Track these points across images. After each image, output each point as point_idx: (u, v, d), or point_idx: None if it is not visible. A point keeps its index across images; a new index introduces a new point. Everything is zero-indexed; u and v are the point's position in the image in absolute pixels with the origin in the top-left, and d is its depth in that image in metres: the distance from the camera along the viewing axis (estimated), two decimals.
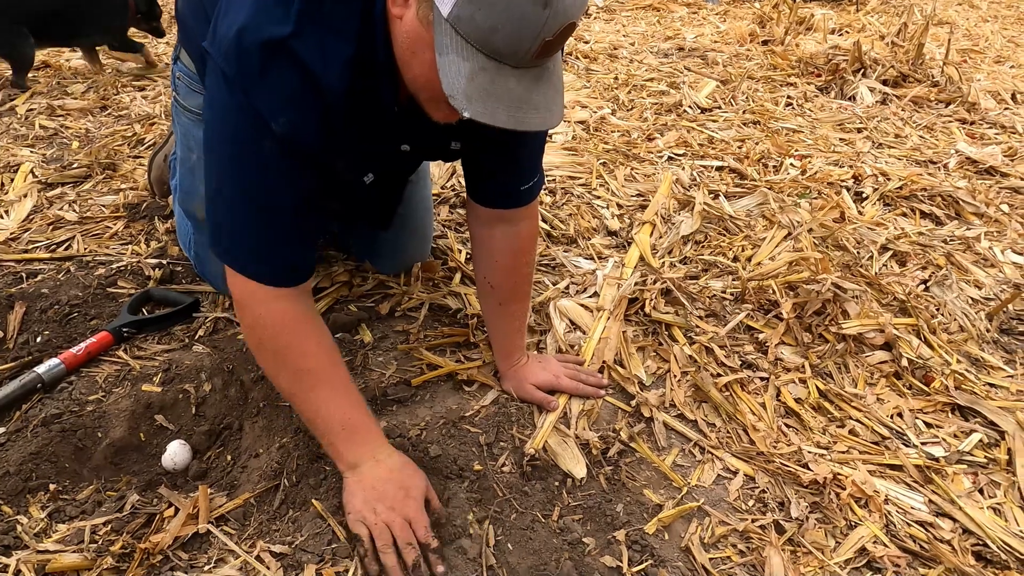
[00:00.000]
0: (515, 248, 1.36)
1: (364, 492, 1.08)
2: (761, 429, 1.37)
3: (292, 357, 1.11)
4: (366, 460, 1.11)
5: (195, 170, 1.48)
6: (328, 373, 1.12)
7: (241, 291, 1.10)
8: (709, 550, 1.13)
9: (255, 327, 1.11)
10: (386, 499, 1.07)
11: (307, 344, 1.12)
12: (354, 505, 1.08)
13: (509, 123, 0.89)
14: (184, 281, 1.70)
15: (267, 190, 1.04)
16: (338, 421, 1.11)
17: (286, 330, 1.10)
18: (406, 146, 1.21)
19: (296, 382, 1.11)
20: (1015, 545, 1.15)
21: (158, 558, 1.04)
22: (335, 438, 1.11)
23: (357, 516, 1.07)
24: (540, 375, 1.40)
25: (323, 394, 1.11)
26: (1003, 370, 1.58)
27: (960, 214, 2.20)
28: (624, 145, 2.54)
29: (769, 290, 1.70)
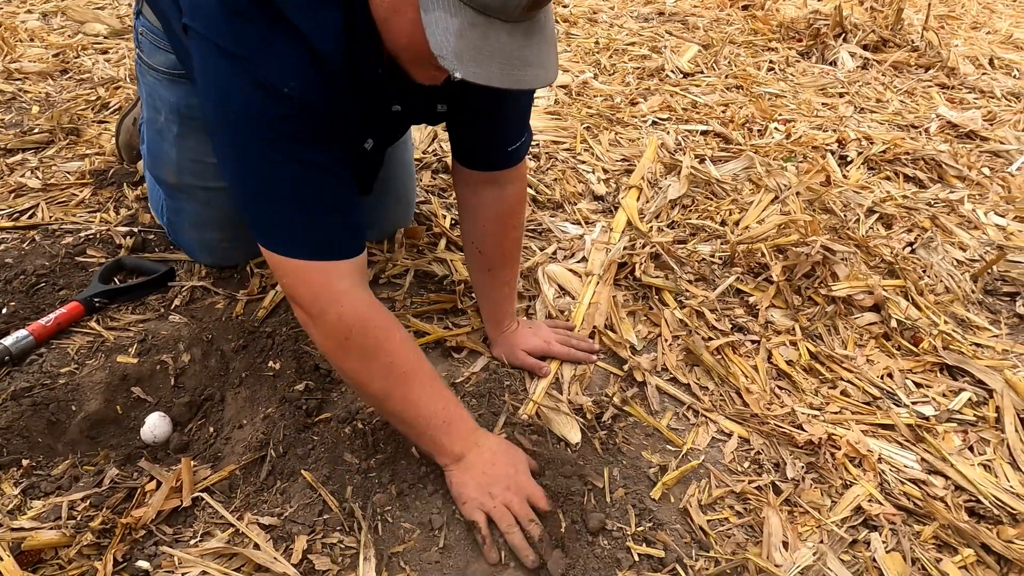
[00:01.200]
0: (503, 212, 1.31)
1: (476, 479, 1.05)
2: (754, 391, 1.36)
3: (384, 355, 1.03)
4: (470, 449, 1.07)
5: (163, 132, 1.40)
6: (420, 367, 1.07)
7: (313, 288, 1.00)
8: (707, 512, 1.12)
9: (338, 327, 1.00)
10: (500, 481, 1.05)
11: (394, 337, 1.05)
12: (468, 494, 1.05)
13: (505, 82, 0.83)
14: (158, 249, 1.63)
15: (303, 159, 0.96)
16: (439, 416, 1.06)
17: (372, 325, 1.02)
18: (397, 107, 1.15)
19: (391, 382, 1.04)
20: (1007, 500, 1.16)
21: (141, 533, 1.00)
22: (437, 432, 1.06)
23: (474, 504, 1.04)
24: (531, 341, 1.37)
25: (420, 390, 1.06)
26: (988, 330, 1.60)
27: (943, 177, 2.20)
28: (607, 110, 2.49)
29: (758, 253, 1.68)
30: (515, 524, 1.02)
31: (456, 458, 1.07)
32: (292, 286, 1.02)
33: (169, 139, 1.40)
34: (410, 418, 1.06)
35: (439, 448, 1.07)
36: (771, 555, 1.04)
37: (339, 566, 0.99)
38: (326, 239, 1.00)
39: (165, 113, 1.39)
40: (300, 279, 1.01)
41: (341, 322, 1.01)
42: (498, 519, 1.03)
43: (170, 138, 1.40)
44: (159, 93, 1.38)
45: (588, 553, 1.04)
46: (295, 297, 1.03)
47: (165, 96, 1.37)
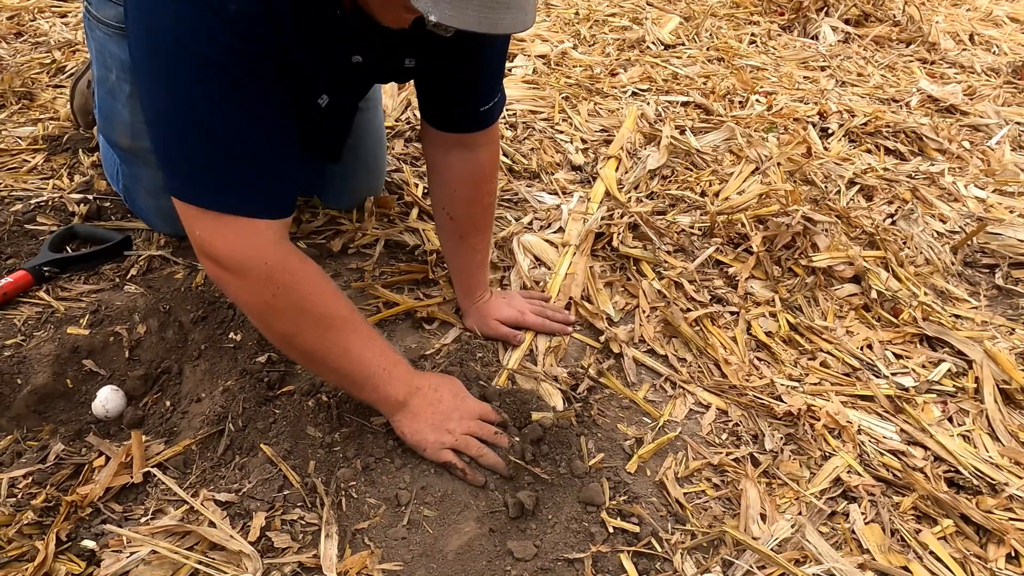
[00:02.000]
0: (475, 176, 1.26)
1: (429, 421, 1.04)
2: (733, 363, 1.33)
3: (317, 306, 0.97)
4: (412, 393, 1.05)
5: (114, 92, 1.32)
6: (353, 317, 1.02)
7: (232, 243, 0.91)
8: (683, 484, 1.09)
9: (264, 281, 0.93)
10: (452, 414, 1.05)
11: (326, 288, 0.99)
12: (427, 438, 1.03)
13: (482, 25, 0.76)
14: (114, 217, 1.55)
15: (237, 100, 0.87)
16: (378, 364, 1.02)
17: (301, 276, 0.96)
18: (358, 57, 1.08)
19: (325, 333, 0.98)
20: (986, 471, 1.14)
21: (87, 511, 0.94)
22: (378, 382, 1.02)
23: (437, 446, 1.03)
24: (504, 311, 1.32)
25: (354, 340, 1.01)
26: (968, 301, 1.58)
27: (923, 150, 2.18)
28: (587, 80, 2.43)
29: (738, 224, 1.64)
30: (483, 446, 1.03)
31: (400, 406, 1.04)
32: (208, 241, 0.92)
33: (121, 99, 1.32)
34: (347, 370, 1.01)
35: (382, 397, 1.03)
36: (749, 527, 1.01)
37: (299, 543, 0.94)
38: (254, 194, 0.92)
39: (116, 71, 1.30)
40: (219, 234, 0.91)
41: (270, 276, 0.93)
42: (465, 448, 1.03)
43: (122, 98, 1.31)
44: (109, 49, 1.29)
45: (563, 528, 1.01)
46: (211, 252, 0.93)
47: (115, 52, 1.28)
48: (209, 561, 0.88)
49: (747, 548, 0.97)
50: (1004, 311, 1.57)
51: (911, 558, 1.00)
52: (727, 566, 0.96)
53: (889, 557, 0.99)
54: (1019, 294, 1.60)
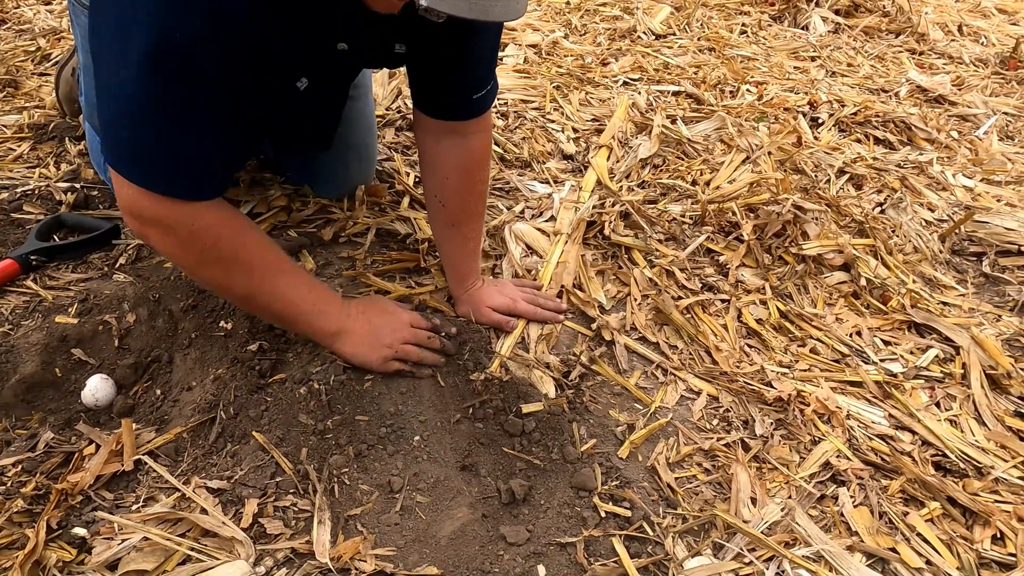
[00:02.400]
0: (467, 164, 1.25)
1: (367, 342, 1.11)
2: (723, 350, 1.34)
3: (244, 257, 1.03)
4: (343, 322, 1.12)
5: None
6: (280, 261, 1.08)
7: (161, 209, 0.94)
8: (675, 469, 1.10)
9: (192, 241, 0.98)
10: (384, 329, 1.13)
11: (249, 239, 1.04)
12: (370, 358, 1.11)
13: (473, 12, 0.76)
14: (101, 206, 1.54)
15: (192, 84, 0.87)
16: (308, 302, 1.09)
17: (227, 232, 1.01)
18: (343, 45, 1.07)
19: (254, 280, 1.05)
20: (972, 454, 1.16)
21: (78, 499, 0.94)
22: (311, 318, 1.10)
23: (379, 361, 1.10)
24: (496, 299, 1.32)
25: (284, 281, 1.07)
26: (955, 289, 1.59)
27: (912, 140, 2.20)
28: (578, 69, 2.42)
29: (729, 212, 1.65)
30: (421, 350, 1.14)
31: (335, 335, 1.11)
32: (135, 203, 0.95)
33: None
34: (279, 310, 1.08)
35: (317, 330, 1.11)
36: (739, 511, 1.02)
37: (292, 529, 0.94)
38: (191, 180, 0.95)
39: None
40: (148, 202, 0.94)
41: (194, 236, 0.98)
42: (404, 356, 1.12)
43: None
44: None
45: (556, 513, 1.02)
46: (136, 213, 0.96)
47: None
48: (201, 548, 0.88)
49: (737, 531, 0.98)
50: (991, 298, 1.58)
51: (899, 540, 1.01)
52: (718, 549, 0.97)
53: (877, 539, 1.00)
54: (1006, 281, 1.62)
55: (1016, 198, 1.89)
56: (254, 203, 1.53)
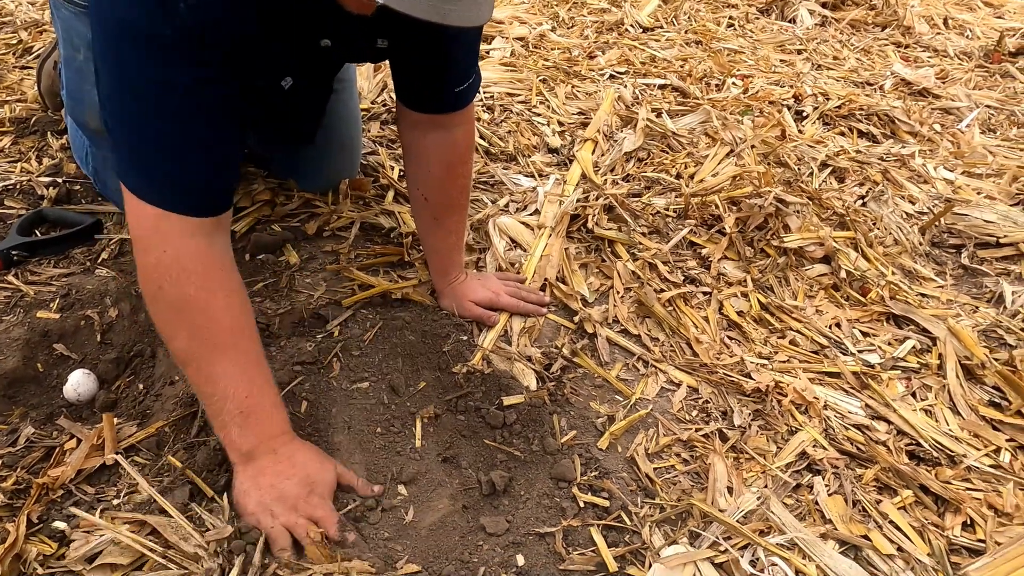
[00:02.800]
0: (450, 157, 1.26)
1: (260, 492, 0.93)
2: (704, 342, 1.35)
3: (195, 314, 0.92)
4: (263, 452, 0.94)
5: (82, 72, 1.30)
6: (234, 341, 0.94)
7: (144, 224, 0.91)
8: (653, 460, 1.11)
9: (156, 269, 0.91)
10: (287, 499, 0.92)
11: (216, 300, 0.93)
12: (246, 507, 0.92)
13: (431, 14, 0.75)
14: (84, 201, 1.53)
15: (175, 89, 0.86)
16: (235, 402, 0.93)
17: (195, 277, 0.91)
18: (326, 41, 1.07)
19: (195, 346, 0.92)
20: (945, 443, 1.18)
21: (59, 493, 0.94)
22: (230, 420, 0.93)
23: (251, 520, 0.91)
24: (480, 292, 1.33)
25: (223, 367, 0.93)
26: (934, 281, 1.61)
27: (895, 133, 2.21)
28: (565, 62, 2.42)
29: (712, 205, 1.66)
30: (288, 549, 0.90)
31: (245, 458, 0.94)
32: (130, 212, 0.92)
33: (90, 79, 1.28)
34: (206, 394, 0.94)
35: (228, 440, 0.94)
36: (716, 500, 1.04)
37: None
38: (176, 187, 0.91)
39: (83, 51, 1.28)
40: (137, 212, 0.91)
41: (160, 265, 0.90)
42: (272, 541, 0.90)
43: (91, 78, 1.28)
44: (75, 28, 1.27)
45: (535, 503, 1.03)
46: (129, 222, 0.93)
47: (82, 32, 1.26)
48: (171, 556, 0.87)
49: (714, 520, 1.00)
50: (969, 290, 1.60)
51: (871, 527, 1.03)
52: (694, 537, 0.99)
53: (850, 527, 1.02)
54: (983, 273, 1.64)
55: (996, 191, 1.91)
56: (237, 197, 1.53)
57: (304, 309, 1.28)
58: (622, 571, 0.95)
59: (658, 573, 0.93)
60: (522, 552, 0.96)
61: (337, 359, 1.18)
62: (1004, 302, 1.54)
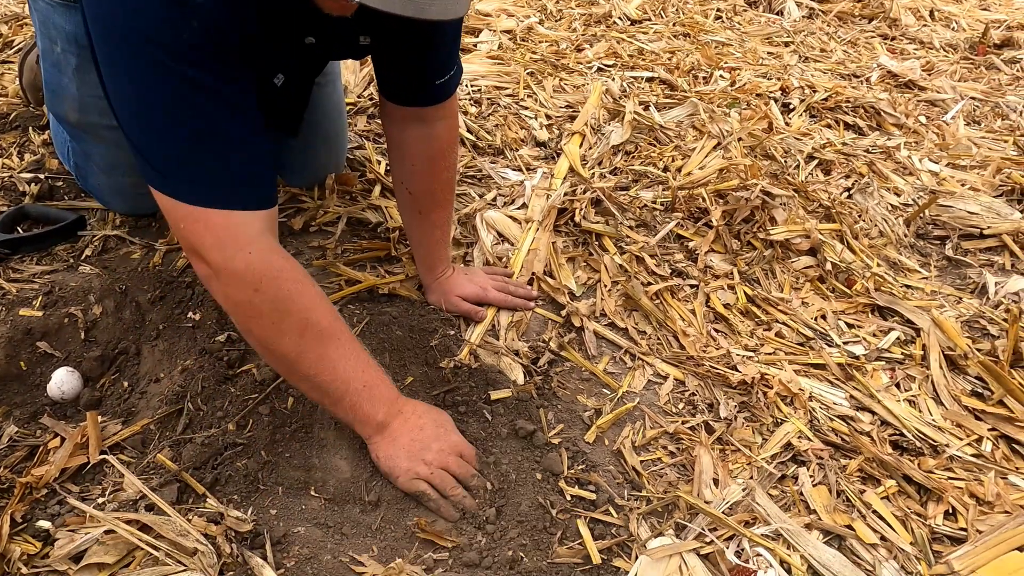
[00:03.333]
0: (433, 150, 1.25)
1: (406, 448, 0.99)
2: (691, 335, 1.36)
3: (298, 309, 0.93)
4: (394, 416, 1.01)
5: (60, 65, 1.28)
6: (337, 325, 0.98)
7: (214, 231, 0.89)
8: (640, 453, 1.12)
9: (249, 271, 0.90)
10: (431, 446, 1.00)
11: (309, 290, 0.95)
12: (401, 466, 0.99)
13: (406, 10, 0.75)
14: (67, 197, 1.52)
15: (209, 91, 0.85)
16: (359, 379, 0.97)
17: (287, 272, 0.93)
18: (310, 38, 1.07)
19: (306, 340, 0.94)
20: (929, 433, 1.19)
21: (43, 492, 0.94)
22: (357, 398, 0.97)
23: (410, 475, 0.98)
24: (467, 287, 1.33)
25: (337, 351, 0.96)
26: (919, 272, 1.63)
27: (881, 125, 2.22)
28: (552, 55, 2.42)
29: (699, 198, 1.67)
30: (457, 485, 0.99)
31: (380, 427, 1.00)
32: (192, 233, 0.90)
33: (68, 72, 1.28)
34: (326, 382, 0.96)
35: (361, 416, 0.99)
36: (702, 492, 1.04)
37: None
38: (233, 185, 0.90)
39: (61, 43, 1.27)
40: (201, 225, 0.89)
41: (250, 271, 0.90)
42: (439, 484, 0.99)
43: (68, 71, 1.28)
44: (53, 21, 1.26)
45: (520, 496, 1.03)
46: (196, 246, 0.90)
47: (60, 24, 1.25)
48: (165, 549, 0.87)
49: (699, 511, 1.01)
50: (952, 281, 1.62)
51: (855, 517, 1.04)
52: (680, 529, 0.99)
53: (834, 517, 1.03)
54: (967, 264, 1.66)
55: (980, 183, 1.93)
56: None
57: None
58: (609, 563, 0.95)
59: (644, 565, 0.93)
60: (509, 545, 0.97)
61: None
62: (987, 293, 1.55)
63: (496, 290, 1.34)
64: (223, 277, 0.91)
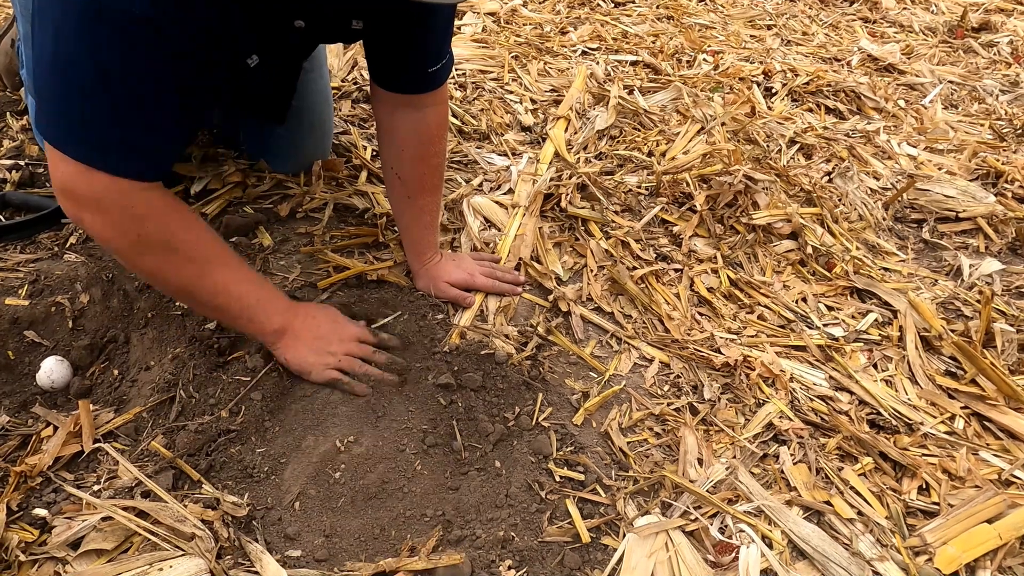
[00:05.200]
0: (422, 136, 1.26)
1: (308, 345, 1.09)
2: (675, 318, 1.38)
3: (185, 244, 0.99)
4: (289, 321, 1.09)
5: None
6: (223, 253, 1.04)
7: (97, 186, 0.89)
8: (627, 434, 1.15)
9: (130, 222, 0.93)
10: (331, 337, 1.11)
11: (195, 226, 1.01)
12: (308, 361, 1.08)
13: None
14: (48, 184, 1.50)
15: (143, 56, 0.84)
16: (251, 295, 1.05)
17: (169, 215, 0.97)
18: (300, 22, 1.06)
19: (195, 270, 1.00)
20: (904, 412, 1.23)
21: (37, 480, 0.94)
22: (253, 313, 1.06)
23: (320, 368, 1.08)
24: (454, 273, 1.34)
25: (227, 274, 1.03)
26: (896, 255, 1.67)
27: (861, 109, 2.25)
28: (537, 39, 2.42)
29: (683, 183, 1.69)
30: (365, 364, 1.11)
31: (279, 333, 1.08)
32: (71, 182, 0.89)
33: None
34: (221, 303, 1.04)
35: (258, 326, 1.07)
36: (686, 472, 1.08)
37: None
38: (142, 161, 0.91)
39: None
40: (83, 178, 0.89)
41: (132, 216, 0.92)
42: (348, 368, 1.10)
43: None
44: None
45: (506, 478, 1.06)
46: (71, 192, 0.90)
47: None
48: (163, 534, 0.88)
49: (684, 490, 1.04)
50: (929, 263, 1.66)
51: (833, 493, 1.08)
52: (666, 508, 1.03)
53: (813, 493, 1.07)
54: (943, 247, 1.70)
55: (956, 166, 1.97)
56: (208, 179, 1.51)
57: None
58: (597, 541, 0.98)
59: (632, 542, 0.96)
60: (502, 525, 0.99)
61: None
62: (962, 275, 1.60)
63: (484, 276, 1.36)
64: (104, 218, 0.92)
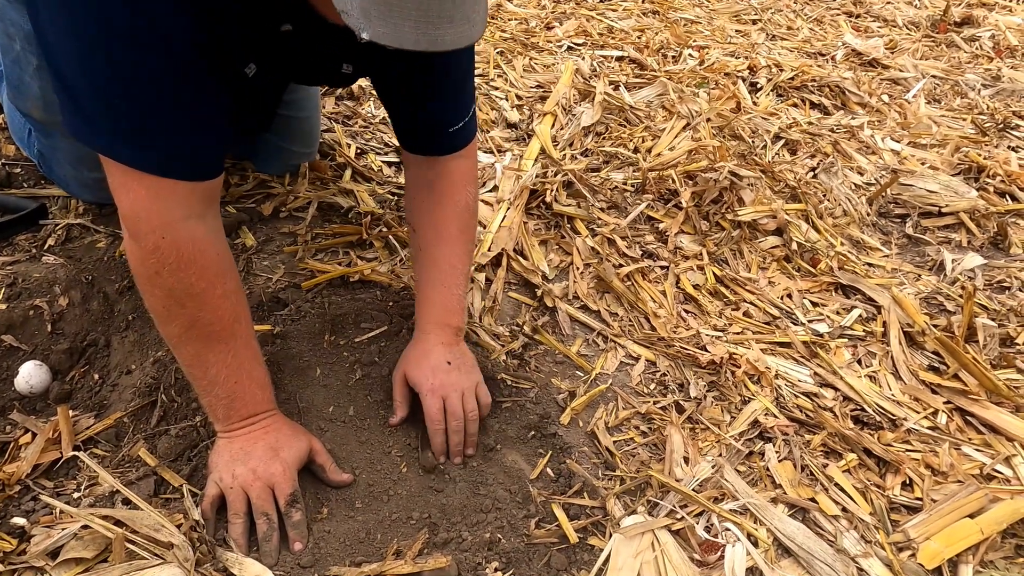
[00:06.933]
0: (441, 186, 1.12)
1: (231, 451, 0.95)
2: (661, 316, 1.38)
3: (194, 306, 0.90)
4: (244, 425, 0.97)
5: (20, 62, 1.22)
6: (231, 330, 0.93)
7: (136, 203, 0.84)
8: (613, 433, 1.15)
9: (154, 255, 0.86)
10: (250, 459, 0.94)
11: (215, 290, 0.91)
12: (215, 463, 0.96)
13: (420, 43, 0.70)
14: (26, 184, 1.48)
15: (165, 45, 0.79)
16: (225, 388, 0.94)
17: (195, 268, 0.88)
18: (287, 25, 1.00)
19: (192, 335, 0.91)
20: (888, 407, 1.24)
21: (16, 489, 0.93)
22: (216, 402, 0.95)
23: (214, 476, 0.94)
24: (420, 368, 1.09)
25: (217, 355, 0.93)
26: (880, 250, 1.68)
27: (846, 104, 2.26)
28: (522, 34, 2.40)
29: (669, 180, 1.69)
30: (241, 514, 0.93)
31: (223, 430, 0.97)
32: (122, 190, 0.85)
33: (29, 71, 1.22)
34: (195, 375, 0.95)
35: (212, 414, 0.97)
36: (672, 470, 1.08)
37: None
38: (168, 150, 0.84)
39: (20, 41, 1.21)
40: (126, 187, 0.84)
41: (157, 253, 0.86)
42: (229, 502, 0.93)
43: (29, 70, 1.22)
44: (10, 16, 1.19)
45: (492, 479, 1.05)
46: (121, 201, 0.86)
47: (17, 21, 1.18)
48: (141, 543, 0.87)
49: (671, 489, 1.04)
50: (912, 258, 1.67)
51: (818, 490, 1.08)
52: (652, 507, 1.03)
53: (799, 490, 1.08)
54: (926, 242, 1.71)
55: (939, 161, 1.98)
56: None
57: (263, 293, 1.27)
58: (584, 542, 0.98)
59: (618, 543, 0.96)
60: (488, 527, 0.99)
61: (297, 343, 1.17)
62: (944, 270, 1.61)
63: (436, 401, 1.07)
64: (133, 248, 0.88)
